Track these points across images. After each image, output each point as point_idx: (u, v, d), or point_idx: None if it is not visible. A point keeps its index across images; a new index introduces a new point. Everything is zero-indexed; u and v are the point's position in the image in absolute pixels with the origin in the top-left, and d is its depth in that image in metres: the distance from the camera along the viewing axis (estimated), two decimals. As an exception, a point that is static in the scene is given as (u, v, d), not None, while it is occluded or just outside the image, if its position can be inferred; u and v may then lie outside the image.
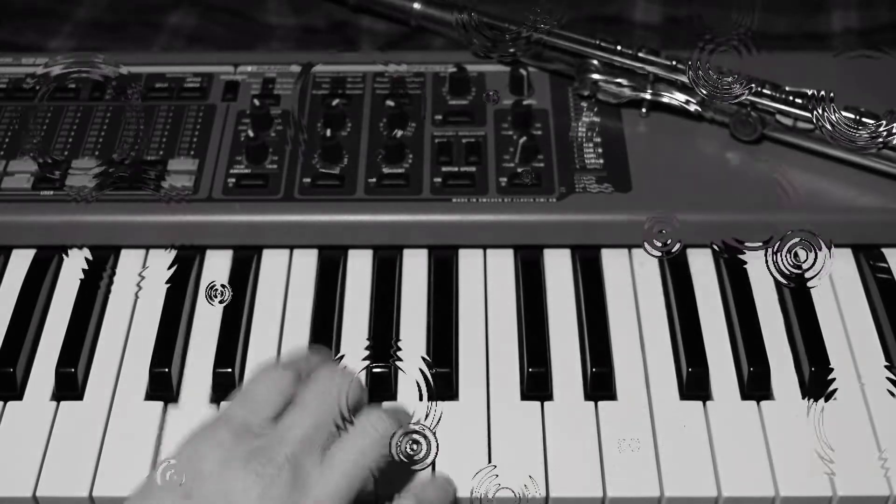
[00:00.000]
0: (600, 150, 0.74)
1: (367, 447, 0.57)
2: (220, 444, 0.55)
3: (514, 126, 0.75)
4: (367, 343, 0.67)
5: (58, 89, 0.78)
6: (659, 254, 0.70)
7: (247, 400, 0.58)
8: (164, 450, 0.62)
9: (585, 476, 0.61)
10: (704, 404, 0.64)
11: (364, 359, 0.66)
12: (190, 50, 0.88)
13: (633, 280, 0.70)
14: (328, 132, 0.75)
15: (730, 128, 0.74)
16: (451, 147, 0.74)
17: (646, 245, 0.70)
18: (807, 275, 0.70)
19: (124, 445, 0.62)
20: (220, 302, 0.69)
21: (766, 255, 0.70)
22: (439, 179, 0.72)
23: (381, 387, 0.65)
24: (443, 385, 0.64)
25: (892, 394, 0.65)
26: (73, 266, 0.71)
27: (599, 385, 0.65)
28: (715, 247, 0.71)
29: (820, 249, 0.69)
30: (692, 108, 0.75)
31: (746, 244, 0.71)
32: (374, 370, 0.65)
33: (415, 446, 0.59)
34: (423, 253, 0.72)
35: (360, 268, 0.71)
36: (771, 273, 0.69)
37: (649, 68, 0.75)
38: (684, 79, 0.74)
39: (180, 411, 0.64)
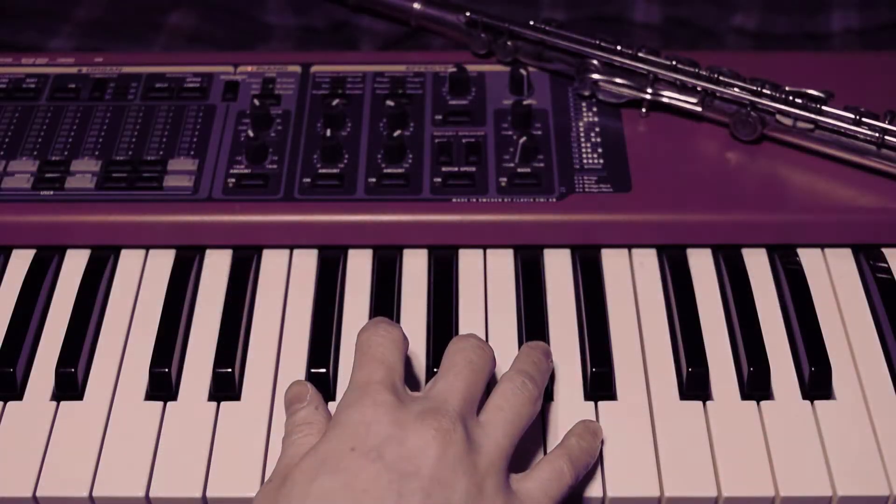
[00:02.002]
0: (600, 150, 0.74)
1: (520, 406, 0.58)
2: (387, 406, 0.55)
3: (514, 126, 0.75)
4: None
5: (58, 89, 0.78)
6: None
7: (377, 362, 0.58)
8: (163, 449, 0.62)
9: (585, 476, 0.61)
10: (704, 404, 0.64)
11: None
12: (190, 50, 0.88)
13: (633, 280, 0.70)
14: (328, 132, 0.75)
15: (730, 128, 0.74)
16: (451, 147, 0.74)
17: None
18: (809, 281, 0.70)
19: (124, 445, 0.62)
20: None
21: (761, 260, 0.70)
22: (439, 179, 0.72)
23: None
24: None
25: (892, 391, 0.65)
26: (73, 266, 0.71)
27: (599, 385, 0.65)
28: (714, 250, 0.71)
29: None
30: (692, 108, 0.75)
31: (745, 244, 0.71)
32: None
33: None
34: (423, 253, 0.72)
35: (360, 268, 0.71)
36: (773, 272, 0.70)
37: (649, 68, 0.75)
38: (684, 79, 0.74)
39: (180, 411, 0.64)
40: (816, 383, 0.64)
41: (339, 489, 0.52)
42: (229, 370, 0.65)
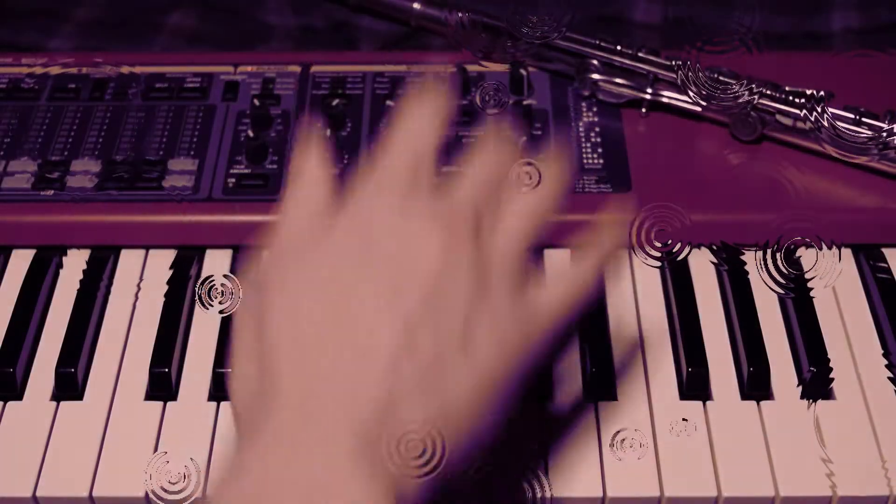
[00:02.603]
0: (600, 150, 0.74)
1: (540, 204, 0.53)
2: (392, 185, 0.49)
3: (514, 126, 0.75)
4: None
5: (58, 89, 0.78)
6: (658, 263, 0.70)
7: (408, 129, 0.52)
8: (163, 449, 0.62)
9: (585, 476, 0.61)
10: (704, 404, 0.64)
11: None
12: (190, 50, 0.88)
13: (633, 280, 0.70)
14: (328, 132, 0.75)
15: (730, 128, 0.74)
16: (450, 147, 0.74)
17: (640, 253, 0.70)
18: (809, 280, 0.70)
19: (124, 445, 0.62)
20: (221, 312, 0.69)
21: (762, 260, 0.70)
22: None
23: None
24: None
25: (892, 391, 0.65)
26: (73, 266, 0.71)
27: (599, 385, 0.65)
28: (714, 250, 0.71)
29: (825, 249, 0.70)
30: (692, 108, 0.75)
31: (745, 245, 0.71)
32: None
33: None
34: (423, 253, 0.72)
35: (360, 268, 0.71)
36: (766, 282, 0.69)
37: (649, 68, 0.75)
38: (684, 79, 0.74)
39: (180, 411, 0.64)
40: (816, 383, 0.64)
41: (333, 288, 0.47)
42: (229, 370, 0.65)
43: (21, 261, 0.71)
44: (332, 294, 0.47)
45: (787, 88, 0.73)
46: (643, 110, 0.76)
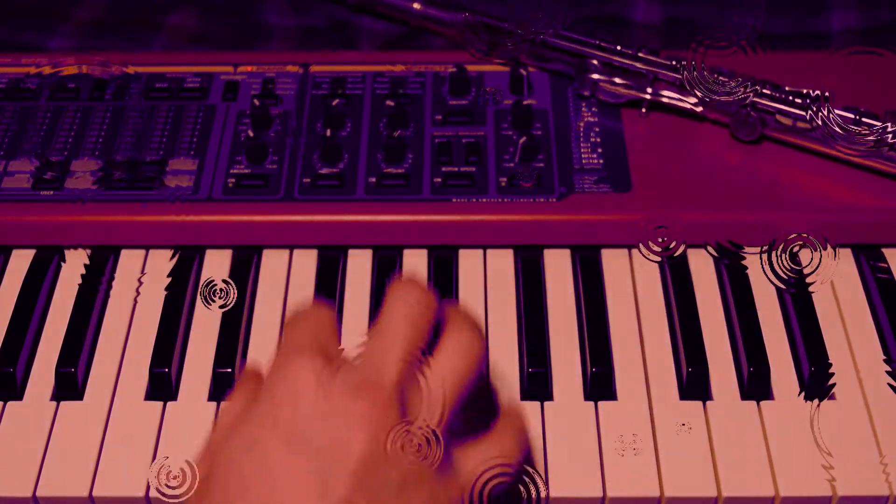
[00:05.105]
0: (600, 150, 0.74)
1: (464, 367, 0.53)
2: (316, 377, 0.49)
3: (514, 126, 0.75)
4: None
5: (58, 89, 0.78)
6: (658, 258, 0.70)
7: (309, 321, 0.53)
8: (163, 449, 0.62)
9: (585, 476, 0.61)
10: (704, 404, 0.64)
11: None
12: (190, 50, 0.88)
13: (633, 280, 0.70)
14: (328, 132, 0.75)
15: (730, 128, 0.74)
16: (451, 147, 0.74)
17: (642, 247, 0.70)
18: (808, 279, 0.70)
19: (124, 445, 0.62)
20: (222, 307, 0.69)
21: (765, 258, 0.70)
22: (439, 179, 0.72)
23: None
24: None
25: (892, 391, 0.65)
26: (73, 266, 0.71)
27: (599, 385, 0.65)
28: (710, 249, 0.71)
29: (823, 250, 0.70)
30: (692, 108, 0.75)
31: (745, 244, 0.71)
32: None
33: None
34: (423, 253, 0.72)
35: (359, 268, 0.71)
36: (769, 278, 0.69)
37: (649, 68, 0.75)
38: (684, 79, 0.74)
39: (180, 411, 0.64)
40: (816, 383, 0.64)
41: (259, 478, 0.48)
42: (229, 370, 0.65)
43: (21, 261, 0.71)
44: (260, 492, 0.48)
45: (787, 88, 0.73)
46: (643, 110, 0.76)
